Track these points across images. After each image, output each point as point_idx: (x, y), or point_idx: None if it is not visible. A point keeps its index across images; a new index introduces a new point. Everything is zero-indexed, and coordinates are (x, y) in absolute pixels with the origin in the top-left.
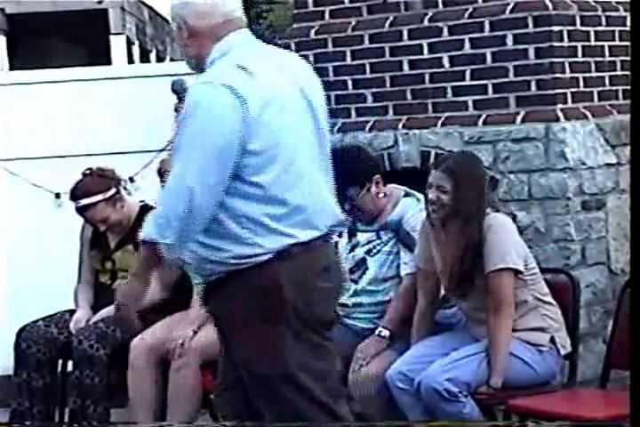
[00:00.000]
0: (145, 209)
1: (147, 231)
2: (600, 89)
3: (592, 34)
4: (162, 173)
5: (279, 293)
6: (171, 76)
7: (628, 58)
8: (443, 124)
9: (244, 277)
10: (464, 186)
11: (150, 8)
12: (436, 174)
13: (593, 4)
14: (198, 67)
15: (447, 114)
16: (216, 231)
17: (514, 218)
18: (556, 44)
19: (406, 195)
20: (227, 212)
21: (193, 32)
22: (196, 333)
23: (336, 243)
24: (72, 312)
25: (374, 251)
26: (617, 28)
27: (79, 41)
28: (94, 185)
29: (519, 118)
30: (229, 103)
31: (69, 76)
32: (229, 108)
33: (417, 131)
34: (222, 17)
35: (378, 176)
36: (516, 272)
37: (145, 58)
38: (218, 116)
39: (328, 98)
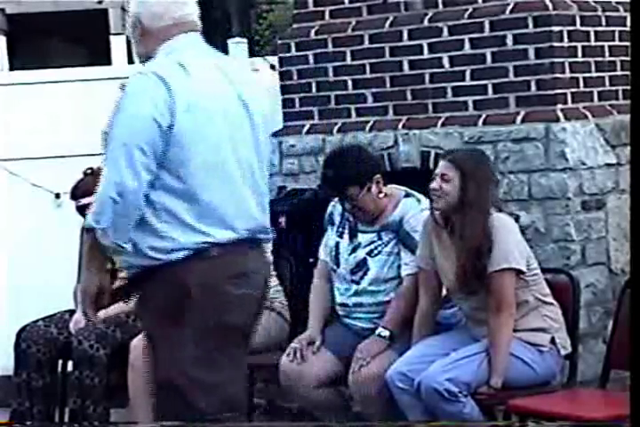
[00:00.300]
0: None
1: (86, 220)
2: (600, 89)
3: (592, 34)
4: None
5: (186, 293)
6: None
7: (628, 58)
8: (443, 125)
9: (158, 275)
10: (470, 179)
11: None
12: (441, 164)
13: (593, 4)
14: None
15: (447, 114)
16: (137, 224)
17: (517, 219)
18: (556, 44)
19: (407, 195)
20: (148, 204)
21: (145, 31)
22: None
23: (337, 243)
24: (72, 312)
25: (375, 252)
26: (617, 28)
27: (79, 41)
28: (95, 184)
29: (519, 118)
30: (160, 93)
31: (71, 76)
32: (160, 98)
33: (417, 131)
34: (173, 20)
35: (378, 176)
36: (518, 272)
37: None
38: (147, 104)
39: (328, 98)
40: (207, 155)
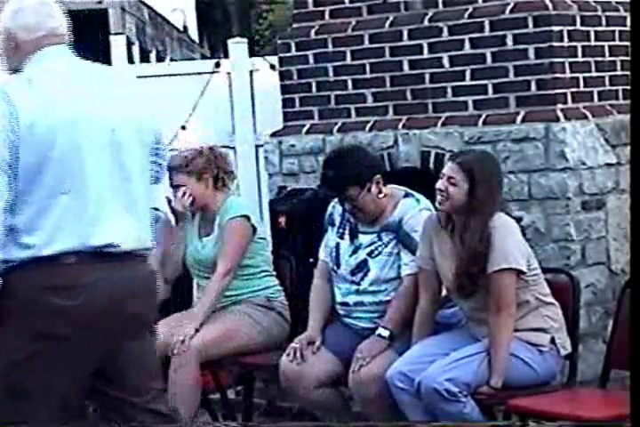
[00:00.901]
0: None
1: None
2: (600, 89)
3: (592, 34)
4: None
5: (10, 303)
6: (171, 76)
7: (628, 58)
8: (443, 124)
9: None
10: (479, 184)
11: (150, 8)
12: (449, 166)
13: (593, 4)
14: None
15: (447, 114)
16: None
17: (519, 220)
18: (555, 44)
19: (406, 195)
20: None
21: (18, 44)
22: (197, 331)
23: (337, 244)
24: None
25: (376, 252)
26: (617, 28)
27: (79, 41)
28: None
29: (519, 118)
30: (3, 108)
31: None
32: (6, 113)
33: (417, 131)
34: (44, 31)
35: (378, 176)
36: (519, 273)
37: (145, 58)
38: None
39: (328, 98)
40: (51, 170)
